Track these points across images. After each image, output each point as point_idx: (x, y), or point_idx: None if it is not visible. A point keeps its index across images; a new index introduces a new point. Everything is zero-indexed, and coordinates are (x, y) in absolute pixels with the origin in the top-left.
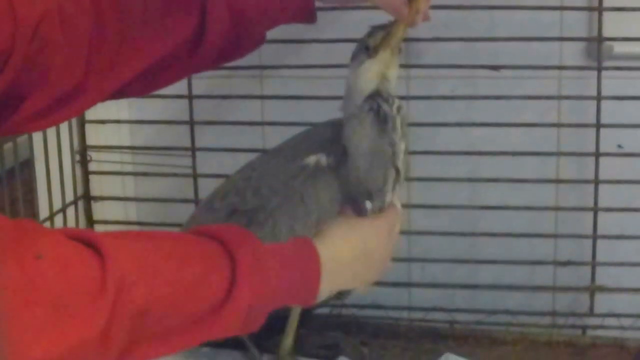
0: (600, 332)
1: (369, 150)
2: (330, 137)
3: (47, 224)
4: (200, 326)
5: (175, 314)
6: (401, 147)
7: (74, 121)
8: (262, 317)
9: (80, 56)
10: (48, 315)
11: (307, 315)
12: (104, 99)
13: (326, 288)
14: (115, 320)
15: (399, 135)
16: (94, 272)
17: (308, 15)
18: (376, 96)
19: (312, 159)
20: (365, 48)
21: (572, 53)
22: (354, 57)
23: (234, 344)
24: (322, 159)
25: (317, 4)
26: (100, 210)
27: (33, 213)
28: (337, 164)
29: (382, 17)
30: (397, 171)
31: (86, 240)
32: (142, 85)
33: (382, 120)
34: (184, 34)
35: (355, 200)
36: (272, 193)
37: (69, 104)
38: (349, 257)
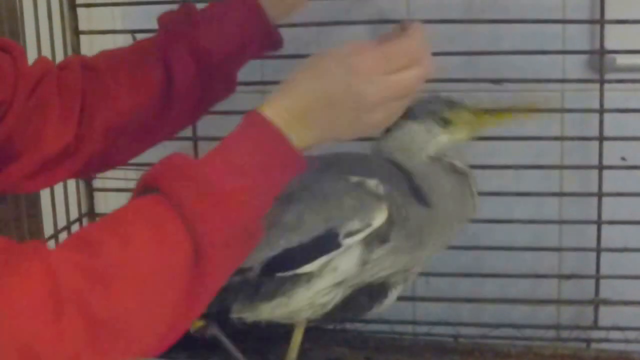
0: (604, 345)
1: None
2: (379, 168)
3: (52, 242)
4: (190, 290)
5: (154, 297)
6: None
7: None
8: (258, 220)
9: (72, 118)
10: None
11: (312, 330)
12: (93, 166)
13: (303, 141)
14: (84, 339)
15: (475, 185)
16: (44, 297)
17: (274, 43)
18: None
19: (372, 182)
20: (440, 118)
21: (575, 66)
22: (419, 117)
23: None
24: (379, 186)
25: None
26: None
27: (37, 230)
28: (391, 191)
29: (382, 27)
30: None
31: (36, 258)
32: (127, 147)
33: (459, 172)
34: (152, 89)
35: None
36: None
37: (58, 166)
38: (313, 101)
